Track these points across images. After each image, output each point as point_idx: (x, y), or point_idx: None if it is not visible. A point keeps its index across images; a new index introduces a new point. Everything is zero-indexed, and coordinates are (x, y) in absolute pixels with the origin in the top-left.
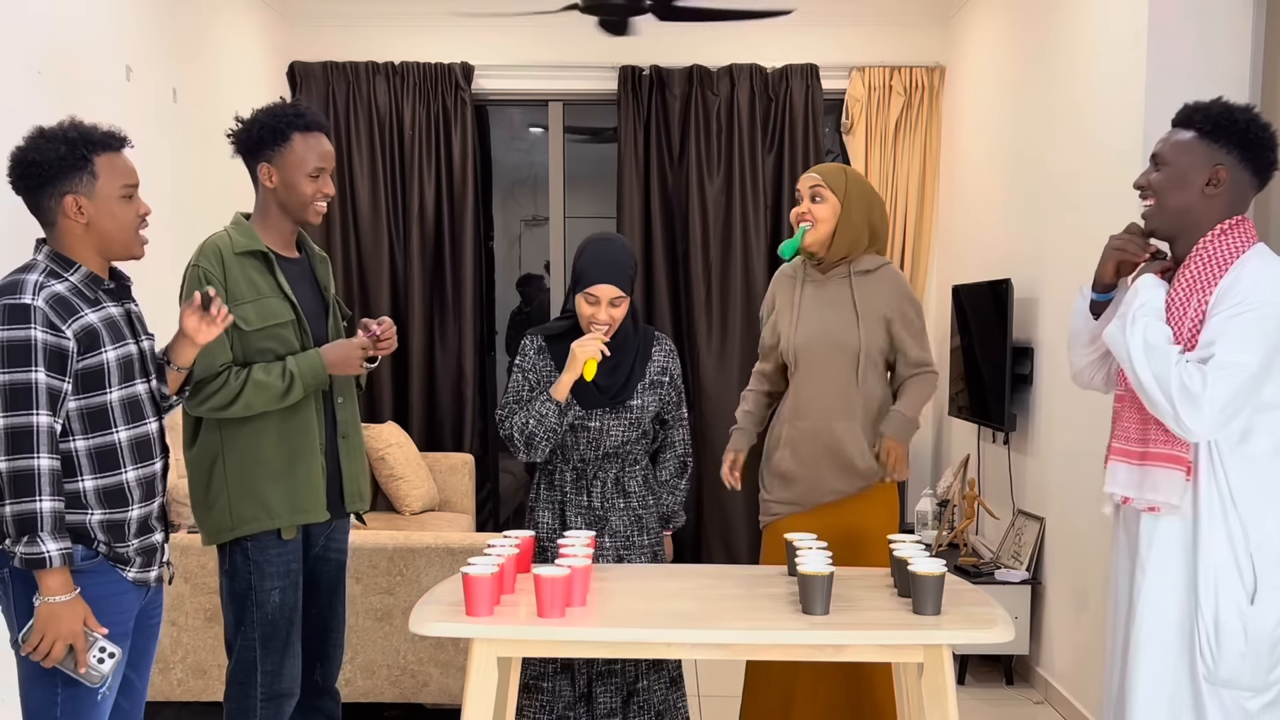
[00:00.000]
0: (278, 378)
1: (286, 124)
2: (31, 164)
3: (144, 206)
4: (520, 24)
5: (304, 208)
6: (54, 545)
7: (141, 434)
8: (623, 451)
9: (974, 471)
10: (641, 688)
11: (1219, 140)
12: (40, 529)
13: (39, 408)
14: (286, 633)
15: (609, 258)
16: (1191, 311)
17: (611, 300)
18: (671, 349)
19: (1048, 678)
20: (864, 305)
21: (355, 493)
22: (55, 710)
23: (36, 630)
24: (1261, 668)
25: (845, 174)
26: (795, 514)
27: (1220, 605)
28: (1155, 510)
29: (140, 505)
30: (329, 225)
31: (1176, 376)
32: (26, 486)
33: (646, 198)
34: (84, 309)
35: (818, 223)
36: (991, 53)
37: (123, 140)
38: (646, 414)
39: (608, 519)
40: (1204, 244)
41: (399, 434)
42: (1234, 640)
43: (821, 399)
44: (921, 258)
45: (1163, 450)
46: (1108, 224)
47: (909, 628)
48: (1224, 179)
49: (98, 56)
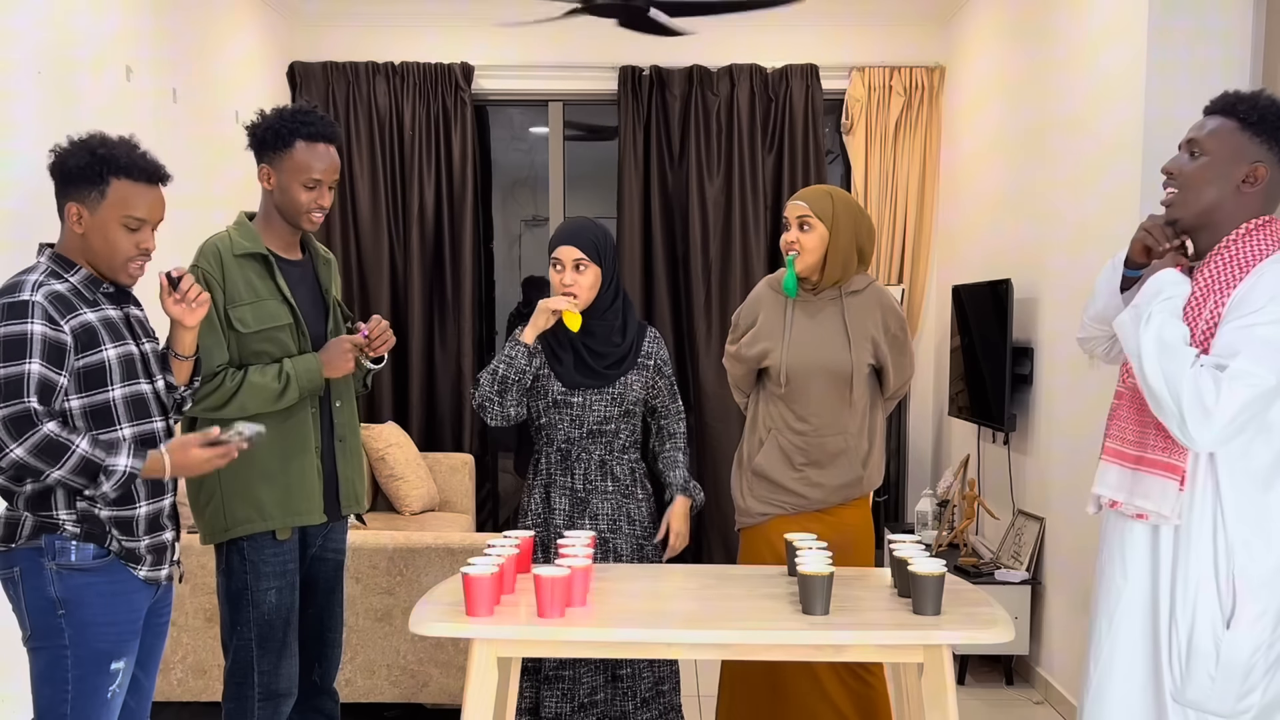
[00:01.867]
0: (273, 379)
1: (291, 129)
2: (60, 162)
3: (147, 242)
4: (520, 24)
5: (297, 215)
6: (122, 459)
7: (146, 432)
8: (607, 431)
9: (974, 471)
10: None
11: (1262, 135)
12: (101, 459)
13: (29, 396)
14: (283, 633)
15: (571, 225)
16: (1207, 313)
17: (575, 263)
18: (657, 336)
19: (1048, 678)
20: (854, 327)
21: (351, 496)
22: (65, 708)
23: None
24: (1230, 695)
25: (832, 198)
26: (777, 518)
27: (1196, 624)
28: (1143, 518)
29: (148, 502)
30: (329, 225)
31: (1191, 380)
32: (55, 449)
33: (646, 198)
34: (82, 308)
35: (805, 253)
36: (991, 53)
37: (152, 175)
38: (630, 391)
39: (589, 500)
40: (1229, 243)
41: (399, 434)
42: (1204, 662)
43: (813, 415)
44: (921, 258)
45: (1159, 457)
46: (1107, 224)
47: (909, 628)
48: (1262, 178)
49: (98, 57)
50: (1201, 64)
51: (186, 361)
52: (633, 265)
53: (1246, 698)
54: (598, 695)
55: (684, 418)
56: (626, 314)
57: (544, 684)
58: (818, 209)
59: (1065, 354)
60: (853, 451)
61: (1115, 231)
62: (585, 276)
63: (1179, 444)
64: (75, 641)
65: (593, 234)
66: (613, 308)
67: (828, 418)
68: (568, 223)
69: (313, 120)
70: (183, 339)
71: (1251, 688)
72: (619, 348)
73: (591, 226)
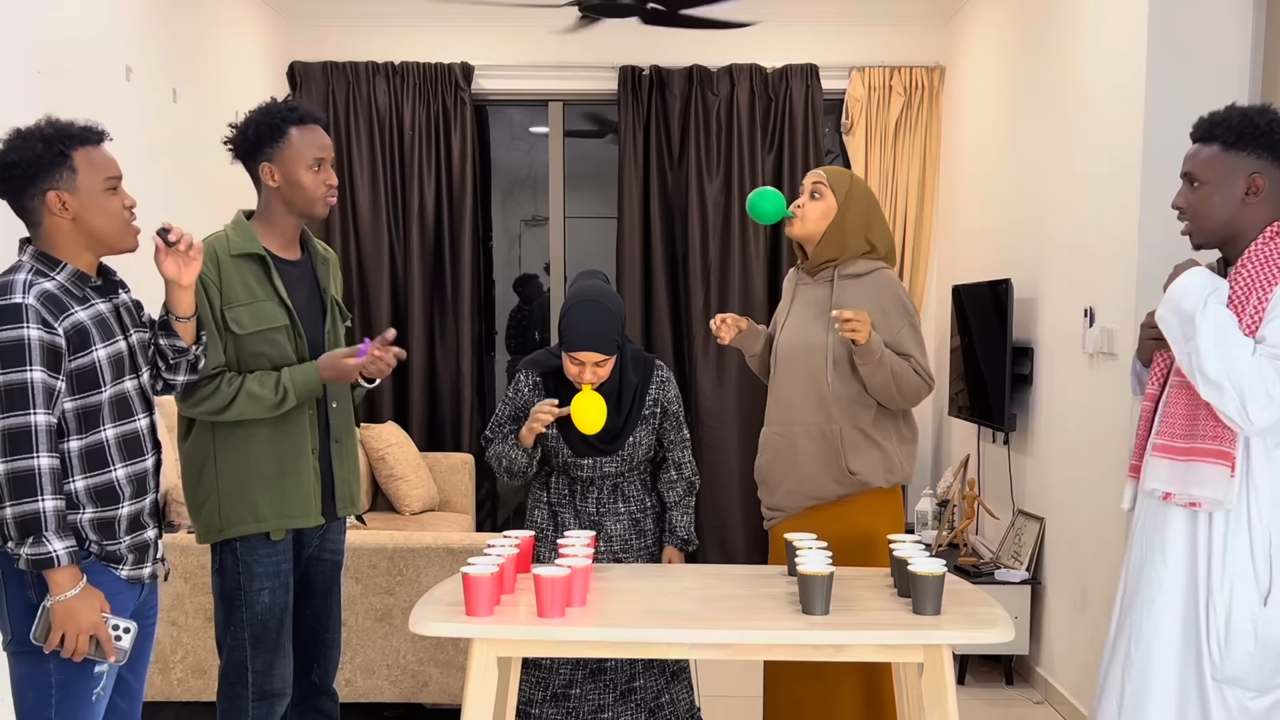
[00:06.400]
0: (271, 391)
1: (281, 119)
2: (10, 165)
3: (129, 198)
4: (520, 24)
5: (311, 202)
6: (60, 544)
7: (130, 431)
8: (616, 475)
9: (974, 471)
10: (638, 687)
11: (1246, 149)
12: (45, 529)
13: (36, 406)
14: (277, 633)
15: (592, 327)
16: (1250, 309)
17: (595, 363)
18: (666, 379)
19: (1048, 678)
20: (840, 306)
21: (347, 498)
22: (50, 712)
23: (56, 629)
24: (1268, 669)
25: (851, 179)
26: (790, 518)
27: (1234, 604)
28: (1196, 506)
29: (131, 502)
30: (329, 225)
31: (1254, 367)
32: (28, 487)
33: (646, 198)
34: (74, 306)
35: (806, 219)
36: (991, 53)
37: (101, 134)
38: (640, 448)
39: (603, 523)
40: (1257, 247)
41: (399, 434)
42: (1244, 640)
43: (791, 403)
44: (921, 258)
45: (1210, 445)
46: (1107, 224)
47: (909, 628)
48: (1263, 186)
49: (98, 57)
50: (1202, 63)
51: (189, 322)
52: (632, 265)
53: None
54: (604, 714)
55: (688, 443)
56: (632, 369)
57: (550, 702)
58: (833, 180)
59: (1065, 354)
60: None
61: (1115, 231)
62: (604, 369)
63: (1229, 432)
64: None
65: (610, 327)
66: (631, 374)
67: (807, 406)
68: (586, 321)
69: (296, 106)
70: (180, 300)
71: None
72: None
73: (607, 318)
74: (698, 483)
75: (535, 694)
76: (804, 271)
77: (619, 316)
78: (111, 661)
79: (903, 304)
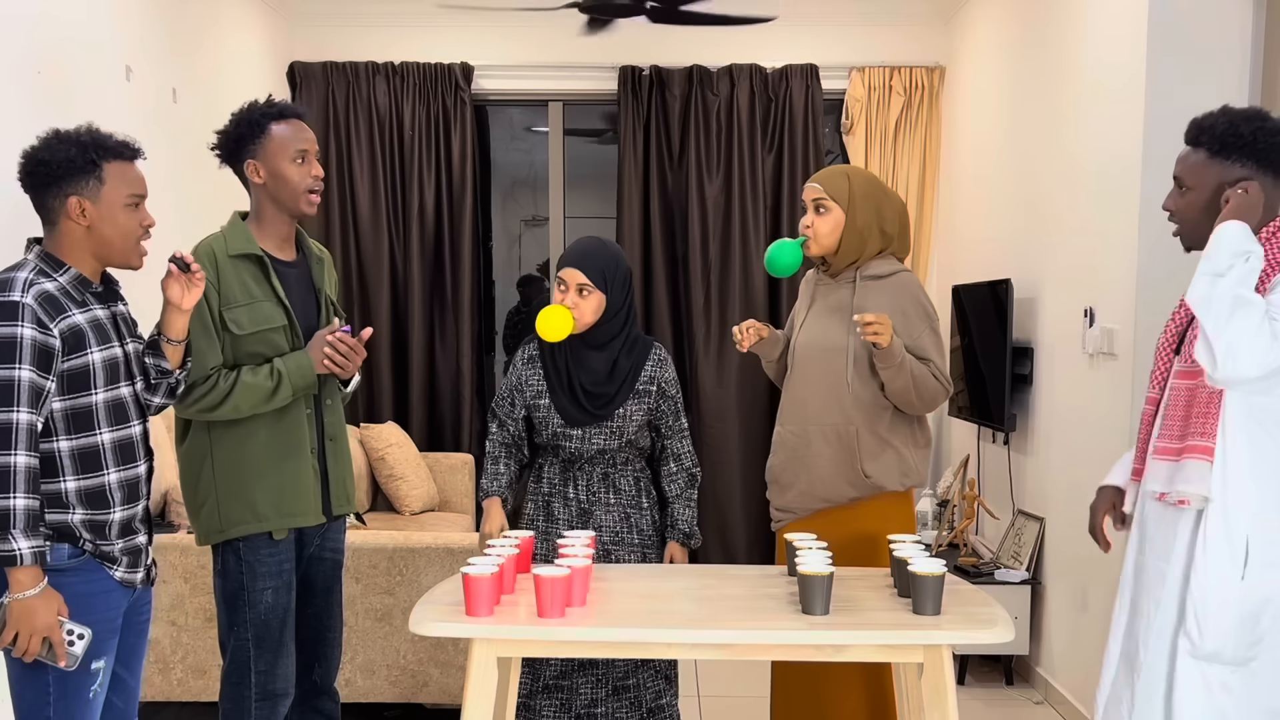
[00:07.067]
0: (265, 378)
1: (260, 115)
2: (41, 162)
3: (149, 218)
4: (520, 24)
5: (295, 197)
6: (25, 543)
7: (125, 437)
8: (608, 454)
9: (974, 471)
10: (632, 685)
11: (1231, 156)
12: (12, 526)
13: (19, 405)
14: (279, 633)
15: (581, 247)
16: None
17: (578, 287)
18: (664, 358)
19: (1048, 678)
20: (861, 309)
21: (342, 496)
22: (48, 710)
23: (10, 627)
24: (1244, 642)
25: (848, 178)
26: (799, 520)
27: (1210, 581)
28: (1185, 503)
29: (123, 508)
30: (329, 225)
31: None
32: (0, 484)
33: (646, 198)
34: (71, 309)
35: (819, 237)
36: (991, 53)
37: (135, 151)
38: (630, 423)
39: (592, 512)
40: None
41: (399, 434)
42: (1223, 613)
43: (807, 404)
44: (921, 258)
45: (1199, 442)
46: (1107, 224)
47: (909, 628)
48: (1254, 193)
49: (97, 56)
50: (1202, 63)
51: (179, 346)
52: (632, 265)
53: (1257, 644)
54: (598, 709)
55: (687, 433)
56: (627, 340)
57: (542, 693)
58: (832, 190)
59: (1065, 354)
60: (854, 443)
61: (1115, 231)
62: (588, 302)
63: (1215, 427)
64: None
65: (603, 260)
66: (616, 339)
67: (825, 407)
68: (580, 243)
69: (275, 103)
70: (175, 323)
71: (1260, 637)
72: (612, 382)
73: (603, 252)
74: (699, 475)
75: (527, 685)
76: (824, 273)
77: (616, 259)
78: (61, 666)
79: (923, 307)
